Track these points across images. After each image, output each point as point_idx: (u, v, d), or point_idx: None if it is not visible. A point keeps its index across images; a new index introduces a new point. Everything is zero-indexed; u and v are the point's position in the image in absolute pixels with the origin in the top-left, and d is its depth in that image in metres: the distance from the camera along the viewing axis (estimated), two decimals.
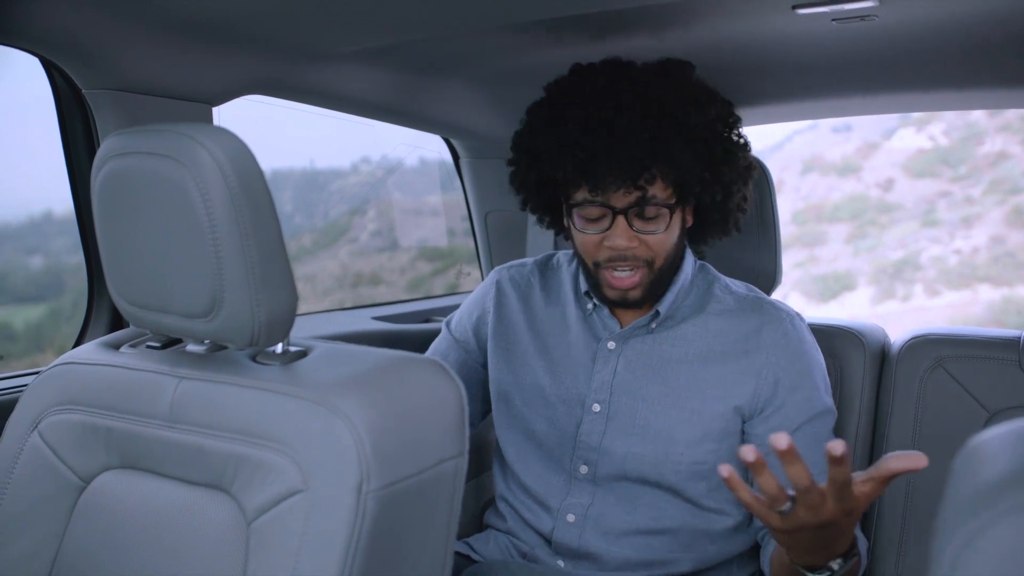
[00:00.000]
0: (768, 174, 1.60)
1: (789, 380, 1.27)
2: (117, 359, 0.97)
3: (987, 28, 1.34)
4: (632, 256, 1.24)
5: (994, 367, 1.44)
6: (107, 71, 1.23)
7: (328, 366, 0.88)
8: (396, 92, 1.67)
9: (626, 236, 1.23)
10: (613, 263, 1.25)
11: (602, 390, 1.32)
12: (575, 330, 1.37)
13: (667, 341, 1.32)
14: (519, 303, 1.43)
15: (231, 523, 0.84)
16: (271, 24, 1.26)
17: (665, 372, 1.30)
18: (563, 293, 1.41)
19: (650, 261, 1.26)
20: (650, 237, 1.25)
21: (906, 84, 1.68)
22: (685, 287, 1.35)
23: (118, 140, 0.88)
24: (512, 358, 1.40)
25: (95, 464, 0.94)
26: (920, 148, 10.59)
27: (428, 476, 0.84)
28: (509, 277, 1.46)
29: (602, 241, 1.25)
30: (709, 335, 1.31)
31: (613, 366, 1.32)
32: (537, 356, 1.38)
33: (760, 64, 1.56)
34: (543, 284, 1.44)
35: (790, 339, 1.29)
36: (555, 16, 1.27)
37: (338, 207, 3.76)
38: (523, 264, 1.48)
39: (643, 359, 1.32)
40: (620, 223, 1.23)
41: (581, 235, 1.27)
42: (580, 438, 1.32)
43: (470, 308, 1.48)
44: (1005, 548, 0.42)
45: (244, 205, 0.82)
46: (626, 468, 1.29)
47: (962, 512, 0.44)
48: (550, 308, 1.41)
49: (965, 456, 0.48)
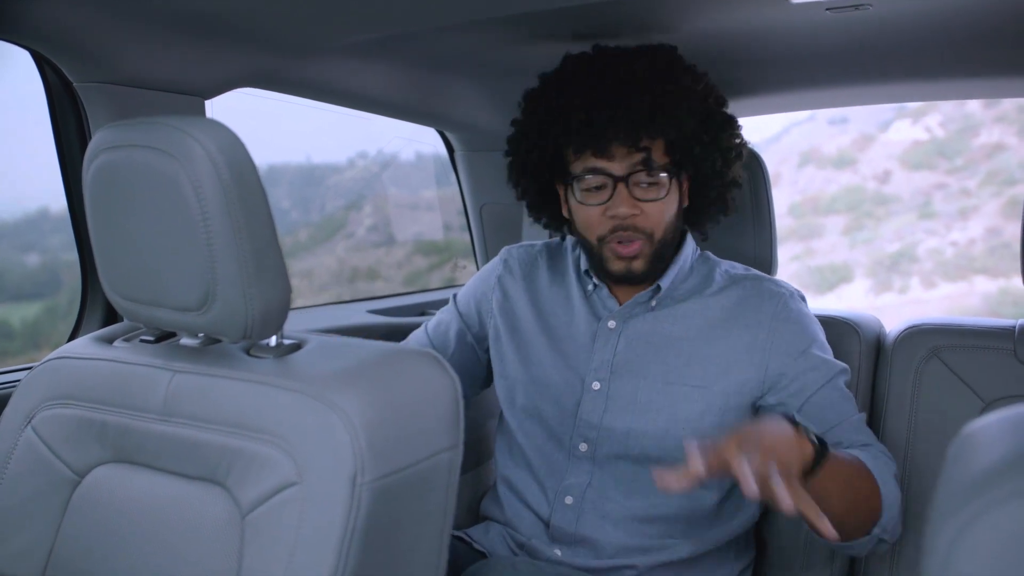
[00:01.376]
0: (763, 163, 1.60)
1: (800, 347, 1.29)
2: (111, 353, 0.97)
3: (982, 17, 1.34)
4: (633, 227, 1.27)
5: (989, 357, 1.44)
6: (99, 64, 1.22)
7: (322, 359, 0.87)
8: (393, 85, 1.67)
9: (628, 204, 1.26)
10: (616, 233, 1.27)
11: (602, 368, 1.33)
12: (577, 309, 1.39)
13: (668, 319, 1.33)
14: (524, 282, 1.45)
15: (226, 516, 0.84)
16: (264, 17, 1.26)
17: (666, 350, 1.31)
18: (567, 274, 1.43)
19: (650, 233, 1.28)
20: (650, 206, 1.27)
21: (901, 74, 1.68)
22: (685, 269, 1.37)
23: (110, 133, 0.88)
24: (516, 336, 1.42)
25: (89, 458, 0.94)
26: (916, 140, 10.58)
27: (423, 468, 0.84)
28: (518, 256, 1.49)
29: (604, 212, 1.27)
30: (710, 312, 1.33)
31: (614, 345, 1.34)
32: (540, 334, 1.39)
33: (755, 54, 1.56)
34: (550, 264, 1.46)
35: (791, 313, 1.31)
36: (548, 8, 1.27)
37: (334, 202, 3.75)
38: (532, 245, 1.51)
39: (643, 337, 1.33)
40: (621, 191, 1.26)
41: (583, 209, 1.29)
42: (580, 416, 1.33)
43: (476, 284, 1.51)
44: (1000, 535, 0.42)
45: (236, 198, 0.82)
46: (628, 445, 1.30)
47: (956, 500, 0.44)
48: (554, 288, 1.43)
49: (959, 444, 0.48)
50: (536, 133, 1.31)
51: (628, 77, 1.25)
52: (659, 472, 1.03)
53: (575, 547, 1.31)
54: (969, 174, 10.07)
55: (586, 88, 1.25)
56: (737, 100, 1.82)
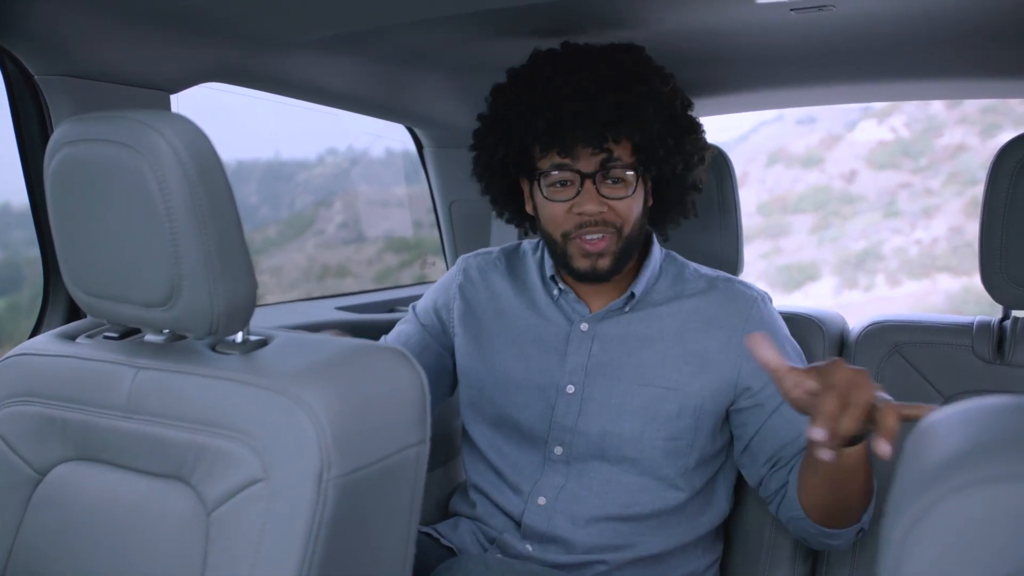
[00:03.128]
0: (729, 162, 1.62)
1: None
2: (73, 350, 0.96)
3: (943, 20, 1.36)
4: (601, 221, 1.26)
5: (949, 352, 1.46)
6: (60, 57, 1.20)
7: (289, 355, 0.87)
8: (360, 81, 1.66)
9: (595, 201, 1.25)
10: (582, 230, 1.27)
11: (576, 372, 1.33)
12: (544, 315, 1.38)
13: (641, 321, 1.34)
14: (486, 290, 1.44)
15: (191, 513, 0.83)
16: (231, 10, 1.25)
17: (640, 352, 1.32)
18: (530, 280, 1.42)
19: (619, 227, 1.28)
20: (617, 203, 1.27)
21: (865, 74, 1.70)
22: (655, 271, 1.37)
23: (72, 127, 0.86)
24: (481, 345, 1.40)
25: (51, 456, 0.93)
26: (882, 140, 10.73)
27: (390, 463, 0.84)
28: (476, 264, 1.47)
29: (571, 208, 1.27)
30: (683, 315, 1.33)
31: (588, 347, 1.34)
32: (506, 343, 1.38)
33: (722, 53, 1.57)
34: (509, 271, 1.45)
35: (764, 318, 1.33)
36: (516, 5, 1.27)
37: (304, 199, 3.72)
38: (489, 252, 1.49)
39: (617, 340, 1.33)
40: (588, 188, 1.25)
41: (549, 205, 1.29)
42: (555, 420, 1.33)
43: (436, 294, 1.49)
44: (952, 525, 0.43)
45: (202, 193, 0.81)
46: (604, 447, 1.30)
47: (911, 492, 0.45)
48: (517, 294, 1.42)
49: (915, 438, 0.49)
50: (502, 129, 1.31)
51: (595, 77, 1.25)
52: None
53: (546, 545, 1.32)
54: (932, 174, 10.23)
55: (553, 87, 1.25)
56: (704, 99, 1.84)
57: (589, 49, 1.30)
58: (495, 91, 1.34)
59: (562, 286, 1.36)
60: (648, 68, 1.30)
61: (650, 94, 1.26)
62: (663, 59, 1.34)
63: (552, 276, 1.36)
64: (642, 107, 1.24)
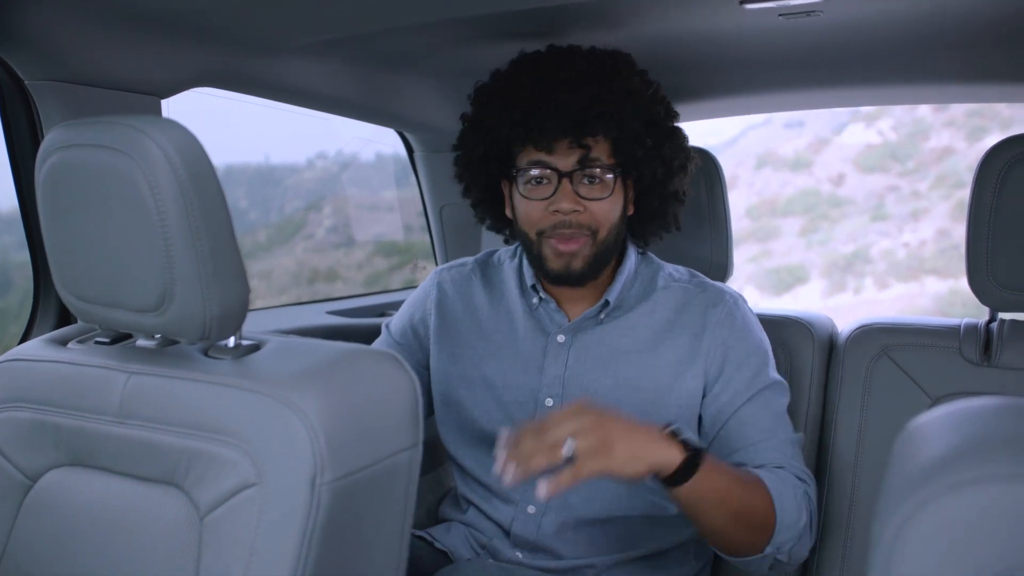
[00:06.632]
0: (719, 166, 1.62)
1: (736, 358, 1.29)
2: (65, 355, 0.96)
3: (930, 25, 1.38)
4: (577, 223, 1.26)
5: (936, 355, 1.47)
6: (51, 62, 1.20)
7: (281, 359, 0.87)
8: (350, 85, 1.66)
9: (571, 199, 1.25)
10: (557, 230, 1.26)
11: (554, 384, 1.32)
12: (522, 326, 1.37)
13: (616, 331, 1.33)
14: (461, 303, 1.42)
15: (184, 518, 0.83)
16: (221, 16, 1.25)
17: (616, 363, 1.31)
18: (507, 290, 1.41)
19: (594, 230, 1.27)
20: (594, 204, 1.26)
21: (852, 79, 1.71)
22: (630, 276, 1.36)
23: (63, 132, 0.86)
24: (458, 359, 1.39)
25: (43, 462, 0.93)
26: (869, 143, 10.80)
27: (382, 467, 0.84)
28: (450, 278, 1.45)
29: (547, 207, 1.26)
30: (656, 322, 1.33)
31: (564, 359, 1.33)
32: (485, 356, 1.37)
33: (711, 58, 1.58)
34: (485, 282, 1.44)
35: (735, 319, 1.31)
36: (505, 10, 1.28)
37: (294, 203, 3.71)
38: (463, 264, 1.48)
39: (593, 352, 1.32)
40: (565, 186, 1.25)
41: (526, 202, 1.29)
42: None
43: (410, 310, 1.47)
44: (941, 525, 0.43)
45: (194, 198, 0.81)
46: None
47: (900, 493, 0.45)
48: (494, 306, 1.40)
49: (904, 439, 0.50)
50: (482, 127, 1.31)
51: (573, 72, 1.25)
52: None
53: (536, 552, 1.32)
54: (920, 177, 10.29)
55: (532, 83, 1.25)
56: (693, 103, 1.85)
57: (571, 50, 1.31)
58: (477, 90, 1.35)
59: (543, 295, 1.35)
60: (628, 67, 1.30)
61: (628, 91, 1.26)
62: (651, 63, 1.34)
63: (533, 285, 1.36)
64: (620, 103, 1.24)
